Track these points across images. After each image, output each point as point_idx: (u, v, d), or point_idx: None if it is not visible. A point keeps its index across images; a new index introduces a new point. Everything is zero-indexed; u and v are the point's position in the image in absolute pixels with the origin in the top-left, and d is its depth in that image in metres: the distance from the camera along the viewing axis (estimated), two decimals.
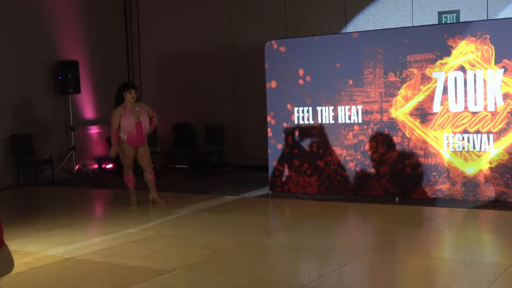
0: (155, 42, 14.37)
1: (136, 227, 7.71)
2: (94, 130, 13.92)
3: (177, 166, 13.53)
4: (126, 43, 14.68)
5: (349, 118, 9.34)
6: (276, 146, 9.95)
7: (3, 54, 11.72)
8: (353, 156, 9.34)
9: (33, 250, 6.66)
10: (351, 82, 9.29)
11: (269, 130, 10.01)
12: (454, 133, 8.63)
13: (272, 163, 9.99)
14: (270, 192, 9.96)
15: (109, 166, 13.44)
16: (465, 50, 8.53)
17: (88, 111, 13.80)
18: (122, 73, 14.43)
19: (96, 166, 13.67)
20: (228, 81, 13.28)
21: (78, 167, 13.14)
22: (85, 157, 13.46)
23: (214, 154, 13.36)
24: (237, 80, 13.09)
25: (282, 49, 9.90)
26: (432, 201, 8.70)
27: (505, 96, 8.30)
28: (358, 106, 9.27)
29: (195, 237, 7.12)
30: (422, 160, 8.85)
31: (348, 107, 9.34)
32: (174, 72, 14.06)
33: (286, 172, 9.86)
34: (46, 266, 6.04)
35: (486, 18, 10.68)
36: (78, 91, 12.97)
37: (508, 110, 8.30)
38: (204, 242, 6.85)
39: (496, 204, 8.31)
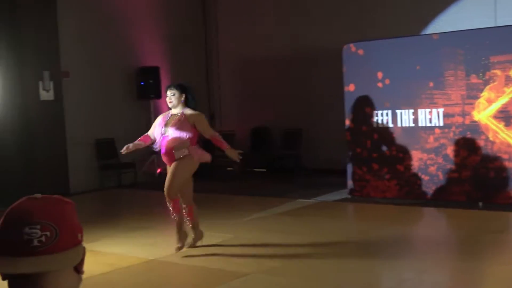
0: (233, 48, 14.48)
1: (215, 230, 7.78)
2: None
3: (254, 169, 13.59)
4: (205, 49, 14.88)
5: (430, 121, 9.14)
6: (355, 150, 9.84)
7: (88, 62, 12.08)
8: (434, 160, 9.13)
9: (117, 251, 6.83)
10: (431, 84, 9.09)
11: (347, 133, 9.91)
12: None
13: (351, 167, 9.89)
14: (348, 196, 9.86)
15: None
16: None
17: None
18: (201, 79, 14.63)
19: None
20: (305, 85, 13.23)
21: (160, 170, 13.39)
22: None
23: (291, 158, 13.34)
24: (314, 84, 13.02)
25: (360, 52, 9.79)
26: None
27: None
28: (439, 109, 9.06)
29: (274, 241, 7.12)
30: (506, 164, 8.55)
31: (429, 110, 9.13)
32: (251, 77, 14.12)
33: (365, 176, 9.74)
34: (131, 267, 6.18)
35: None
36: (159, 96, 13.22)
37: None
38: (283, 245, 6.85)
39: None
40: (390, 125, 9.48)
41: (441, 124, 9.05)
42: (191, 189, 6.82)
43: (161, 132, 6.61)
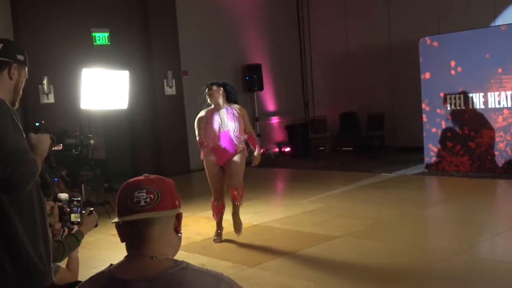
0: (324, 44, 14.34)
1: (308, 200, 7.79)
2: (275, 120, 14.25)
3: (343, 149, 13.44)
4: (300, 47, 14.81)
5: (499, 103, 8.70)
6: (430, 130, 9.54)
7: (203, 62, 12.34)
8: (503, 138, 8.69)
9: (228, 218, 6.98)
10: (500, 70, 8.64)
11: (424, 116, 9.62)
12: None
13: (428, 145, 9.61)
14: (425, 170, 9.59)
15: (288, 149, 13.70)
16: None
17: (270, 105, 14.15)
18: (297, 73, 14.63)
19: (277, 149, 14.00)
20: (387, 74, 12.93)
21: (263, 150, 13.54)
22: (268, 142, 13.83)
23: (376, 138, 13.09)
24: (395, 73, 12.70)
25: (435, 44, 9.45)
26: None
27: None
28: (507, 92, 8.60)
29: (359, 209, 7.05)
30: None
31: (498, 93, 8.70)
32: (340, 69, 13.95)
33: (440, 152, 9.43)
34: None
35: None
36: (261, 88, 13.35)
37: None
38: (367, 213, 6.77)
39: None
40: (463, 107, 9.12)
41: (509, 105, 8.59)
42: None
43: (218, 128, 5.67)
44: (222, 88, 5.86)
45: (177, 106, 11.84)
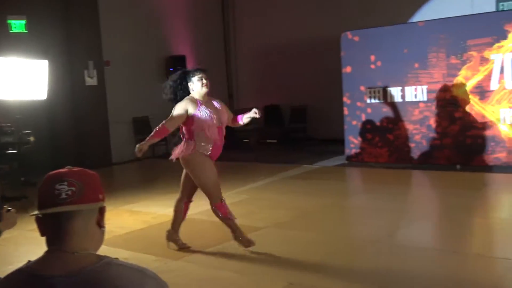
0: (249, 36, 14.39)
1: (234, 192, 7.82)
2: None
3: (268, 141, 13.59)
4: (225, 38, 14.81)
5: (415, 97, 9.07)
6: (351, 122, 9.81)
7: (126, 52, 12.08)
8: (419, 130, 9.08)
9: (152, 211, 6.90)
10: (417, 65, 9.00)
11: (345, 108, 9.88)
12: (510, 107, 8.22)
13: (348, 137, 9.88)
14: (346, 162, 9.86)
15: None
16: None
17: None
18: (222, 65, 14.61)
19: None
20: (310, 67, 13.16)
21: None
22: None
23: (299, 130, 13.33)
24: (318, 67, 12.94)
25: (356, 38, 9.70)
26: (490, 168, 8.35)
27: None
28: (423, 86, 8.98)
29: (284, 200, 7.15)
30: (480, 132, 8.49)
31: (414, 87, 9.07)
32: (265, 62, 14.06)
33: (360, 144, 9.72)
34: (164, 223, 6.23)
35: None
36: None
37: None
38: (292, 204, 6.88)
39: None
40: (382, 100, 9.43)
41: (425, 99, 8.98)
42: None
43: (214, 123, 4.88)
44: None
45: (99, 97, 11.53)
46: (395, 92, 9.27)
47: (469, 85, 8.53)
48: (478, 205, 6.48)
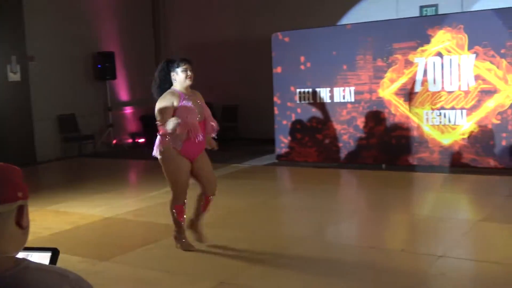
0: (181, 33, 14.25)
1: (162, 191, 7.70)
2: (128, 110, 13.92)
3: None
4: (154, 35, 14.60)
5: (343, 98, 9.28)
6: (281, 122, 9.92)
7: (51, 48, 11.68)
8: (346, 130, 9.29)
9: (79, 211, 6.71)
10: (345, 67, 9.21)
11: (275, 108, 9.98)
12: (433, 109, 8.56)
13: (278, 136, 9.98)
14: (276, 161, 9.96)
15: (141, 140, 13.46)
16: (443, 39, 8.42)
17: (123, 95, 13.79)
18: (151, 61, 14.40)
19: (130, 140, 13.70)
20: (242, 67, 13.20)
21: (115, 141, 13.17)
22: (121, 133, 13.49)
23: (230, 129, 13.33)
24: (250, 66, 13.00)
25: (286, 39, 9.82)
26: (414, 167, 8.67)
27: (476, 78, 8.21)
28: (351, 88, 9.20)
29: (214, 199, 7.10)
30: (405, 133, 8.79)
31: (343, 88, 9.28)
32: (197, 60, 13.93)
33: (290, 144, 9.85)
34: (90, 224, 6.09)
35: (461, 11, 10.51)
36: (114, 77, 12.96)
37: (478, 89, 8.21)
38: (221, 203, 6.84)
39: (468, 169, 8.26)
40: (311, 101, 9.59)
41: (353, 100, 9.20)
42: None
43: (197, 117, 4.64)
44: None
45: (22, 93, 11.08)
46: (324, 93, 9.44)
47: (394, 87, 8.82)
48: (403, 203, 6.71)
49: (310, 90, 9.55)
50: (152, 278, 4.36)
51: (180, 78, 4.61)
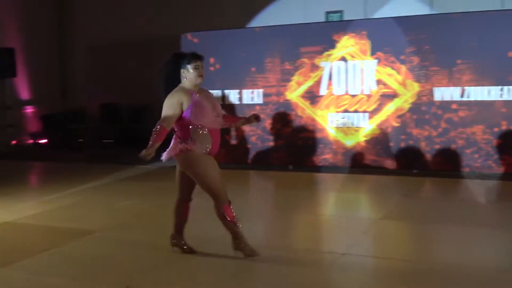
0: (87, 31, 13.83)
1: (65, 194, 7.48)
2: (29, 109, 13.33)
3: (104, 141, 13.18)
4: (58, 32, 14.08)
5: (252, 100, 9.41)
6: None
7: None
8: (254, 132, 9.42)
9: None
10: (254, 69, 9.34)
11: None
12: (337, 112, 8.86)
13: None
14: None
15: (44, 141, 12.94)
16: (347, 44, 8.74)
17: (24, 93, 13.19)
18: (54, 59, 13.87)
19: (31, 141, 13.14)
20: (151, 67, 12.97)
21: (15, 142, 12.58)
22: (22, 133, 12.89)
23: (138, 130, 13.11)
24: (158, 67, 12.83)
25: (196, 40, 9.80)
26: (319, 168, 8.92)
27: (378, 82, 8.60)
28: (259, 90, 9.34)
29: (118, 202, 6.99)
30: (311, 134, 9.04)
31: (251, 90, 9.39)
32: (102, 58, 13.61)
33: None
34: None
35: (364, 18, 10.95)
36: (14, 75, 12.36)
37: (380, 93, 8.60)
38: (126, 205, 6.75)
39: (370, 169, 8.62)
40: (220, 102, 9.62)
41: (261, 102, 9.34)
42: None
43: (213, 115, 4.33)
44: None
45: None
46: (233, 95, 9.52)
47: (301, 90, 9.04)
48: (308, 203, 6.89)
49: (219, 91, 9.59)
50: (53, 284, 4.21)
51: (191, 75, 4.33)
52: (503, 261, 4.43)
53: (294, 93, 9.11)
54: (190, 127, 4.25)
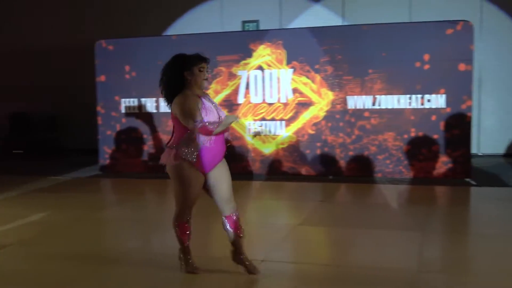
0: None
1: None
2: None
3: (14, 151, 12.58)
4: None
5: (169, 108, 9.28)
6: (105, 132, 9.63)
7: None
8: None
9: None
10: None
11: (99, 118, 9.67)
12: (255, 120, 8.93)
13: (103, 147, 9.68)
14: (100, 173, 9.64)
15: None
16: (263, 53, 8.85)
17: None
18: None
19: None
20: (62, 75, 12.58)
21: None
22: None
23: (49, 140, 12.63)
24: (71, 74, 12.44)
25: (111, 47, 9.58)
26: (238, 176, 8.91)
27: (294, 91, 8.75)
28: None
29: (30, 215, 6.66)
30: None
31: None
32: (11, 67, 13.02)
33: (115, 154, 9.60)
34: None
35: (279, 27, 11.15)
36: None
37: (296, 101, 8.76)
38: (39, 218, 6.46)
39: (287, 176, 8.74)
40: (136, 111, 9.45)
41: None
42: None
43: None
44: None
45: None
46: (150, 103, 9.37)
47: (219, 98, 9.04)
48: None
49: (136, 100, 9.42)
50: None
51: (196, 78, 3.99)
52: (416, 262, 4.60)
53: None
54: (188, 132, 3.95)
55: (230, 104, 9.00)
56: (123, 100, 9.48)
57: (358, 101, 8.55)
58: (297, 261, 4.80)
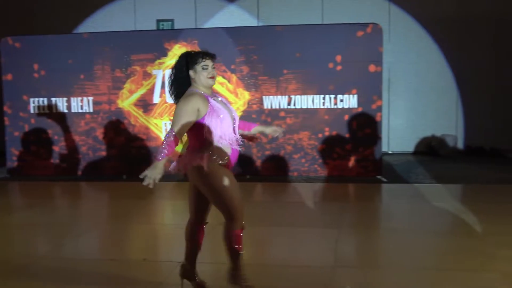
0: None
1: None
2: None
3: None
4: None
5: (81, 108, 9.00)
6: (13, 133, 9.17)
7: None
8: (85, 141, 9.01)
9: None
10: (82, 76, 8.94)
11: (6, 119, 9.20)
12: (171, 120, 8.80)
13: (10, 149, 9.21)
14: (8, 176, 9.17)
15: None
16: (178, 52, 8.72)
17: None
18: None
19: None
20: None
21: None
22: None
23: None
24: None
25: (18, 45, 9.14)
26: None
27: None
28: (89, 98, 8.97)
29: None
30: (145, 143, 8.88)
31: (80, 98, 8.98)
32: None
33: (24, 156, 9.16)
34: None
35: (195, 27, 11.07)
36: None
37: None
38: None
39: None
40: (47, 111, 9.07)
41: (91, 110, 8.98)
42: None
43: (231, 124, 3.74)
44: None
45: None
46: (61, 103, 9.02)
47: (133, 98, 8.85)
48: (143, 213, 6.73)
49: (46, 99, 9.03)
50: None
51: (200, 77, 3.65)
52: (332, 258, 4.70)
53: (126, 101, 8.88)
54: (207, 136, 3.62)
55: (145, 104, 8.84)
56: (31, 99, 9.07)
57: (274, 101, 8.64)
58: (216, 262, 4.77)
